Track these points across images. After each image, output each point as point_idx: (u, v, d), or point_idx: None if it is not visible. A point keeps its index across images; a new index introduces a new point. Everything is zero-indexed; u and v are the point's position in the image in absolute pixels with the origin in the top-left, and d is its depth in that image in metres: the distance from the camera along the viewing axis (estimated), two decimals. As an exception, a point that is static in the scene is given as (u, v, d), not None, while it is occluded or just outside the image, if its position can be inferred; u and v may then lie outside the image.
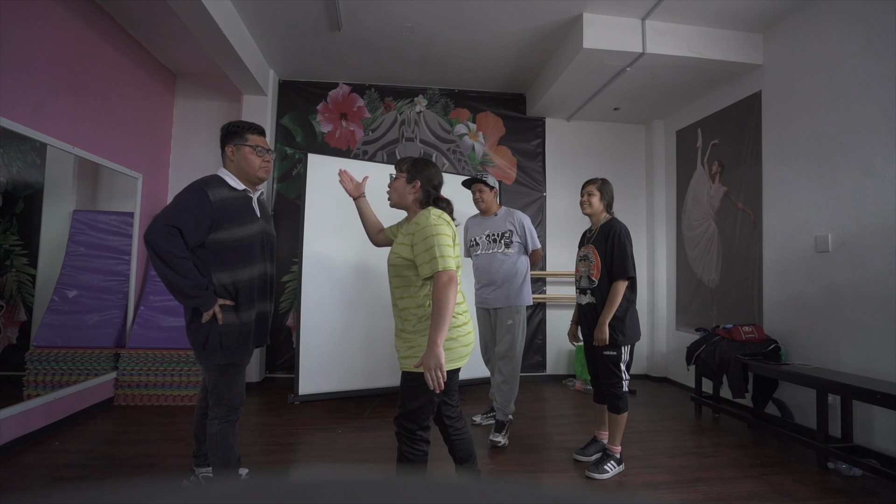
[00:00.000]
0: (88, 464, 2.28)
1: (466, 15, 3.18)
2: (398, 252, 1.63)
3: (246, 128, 1.78)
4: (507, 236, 2.77)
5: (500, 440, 2.59)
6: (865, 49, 2.56)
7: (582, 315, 2.43)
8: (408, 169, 1.72)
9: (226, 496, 0.20)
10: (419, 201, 1.70)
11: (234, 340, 1.69)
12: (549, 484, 0.20)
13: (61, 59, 2.73)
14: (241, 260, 1.72)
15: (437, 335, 1.45)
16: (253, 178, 1.79)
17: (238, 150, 1.76)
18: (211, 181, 1.70)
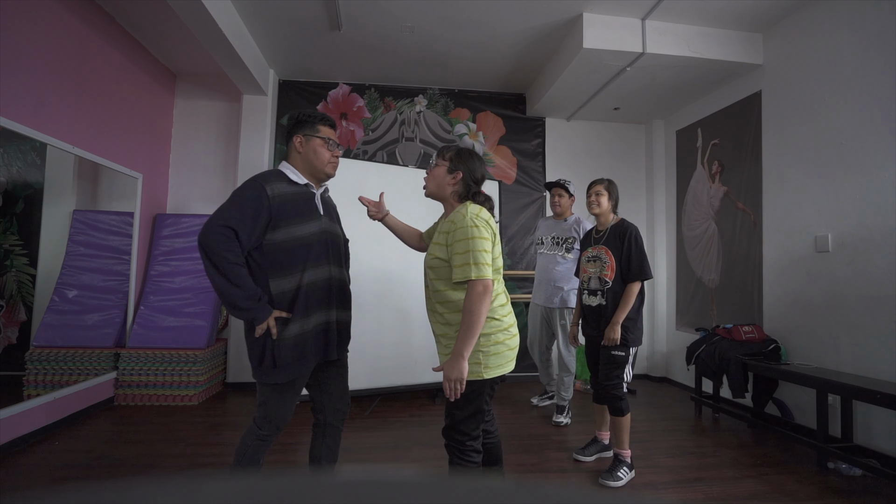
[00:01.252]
0: (88, 464, 2.28)
1: (466, 15, 3.18)
2: (434, 253, 1.54)
3: (318, 118, 1.62)
4: (569, 242, 3.05)
5: (564, 420, 3.00)
6: (865, 49, 2.56)
7: (589, 316, 2.38)
8: (451, 158, 1.60)
9: (226, 496, 0.20)
10: (458, 194, 1.58)
11: (290, 356, 1.50)
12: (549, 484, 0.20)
13: (61, 59, 2.73)
14: (300, 263, 1.53)
15: (463, 346, 1.38)
16: (320, 173, 1.63)
17: (308, 142, 1.59)
18: (269, 175, 1.56)
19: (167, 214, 3.83)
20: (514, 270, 4.35)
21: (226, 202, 1.49)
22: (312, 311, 1.55)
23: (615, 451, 2.24)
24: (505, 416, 3.18)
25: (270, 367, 1.49)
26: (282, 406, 1.55)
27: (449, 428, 1.53)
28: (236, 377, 3.80)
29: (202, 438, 2.67)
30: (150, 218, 3.75)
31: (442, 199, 1.62)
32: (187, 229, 3.77)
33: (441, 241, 1.52)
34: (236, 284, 1.41)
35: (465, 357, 1.39)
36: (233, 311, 1.45)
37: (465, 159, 1.59)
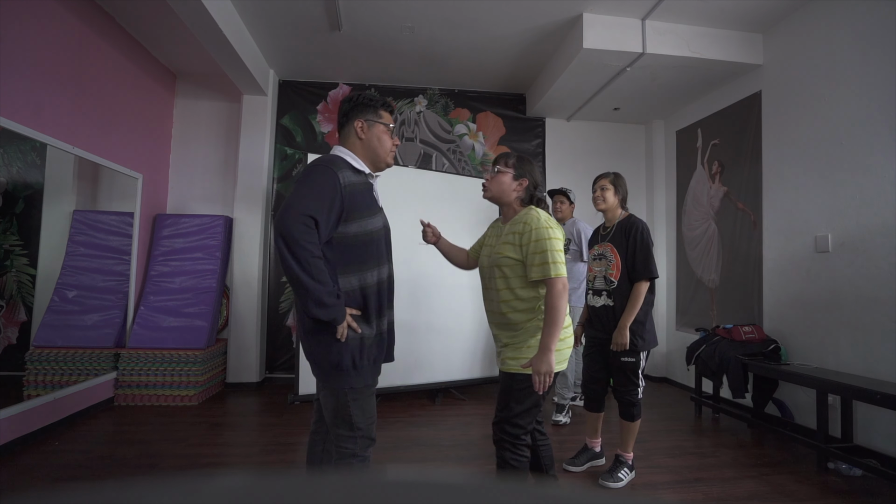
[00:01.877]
0: (88, 464, 2.28)
1: (466, 15, 3.18)
2: (504, 252, 1.59)
3: (380, 103, 1.50)
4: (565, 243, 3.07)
5: (563, 419, 3.00)
6: (865, 49, 2.56)
7: (594, 318, 2.28)
8: (514, 165, 1.66)
9: (226, 496, 0.20)
10: (521, 199, 1.66)
11: (368, 358, 1.40)
12: (549, 484, 0.20)
13: (61, 59, 2.73)
14: (370, 259, 1.42)
15: (550, 341, 1.45)
16: (381, 163, 1.51)
17: (371, 128, 1.47)
18: (337, 161, 1.40)
19: (167, 214, 3.83)
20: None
21: (301, 188, 1.32)
22: (384, 311, 1.47)
23: (618, 452, 2.21)
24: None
25: (349, 370, 1.36)
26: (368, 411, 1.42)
27: (503, 421, 1.55)
28: (236, 377, 3.80)
29: (202, 438, 2.67)
30: (150, 218, 3.75)
31: (502, 204, 1.69)
32: (187, 229, 3.77)
33: (513, 241, 1.58)
34: (319, 280, 1.27)
35: (553, 350, 1.45)
36: (316, 309, 1.28)
37: (527, 167, 1.67)
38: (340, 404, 1.38)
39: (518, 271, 1.57)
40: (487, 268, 1.67)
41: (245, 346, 3.82)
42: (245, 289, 3.85)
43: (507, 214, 1.70)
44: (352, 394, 1.38)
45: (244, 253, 3.88)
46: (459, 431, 2.84)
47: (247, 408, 3.32)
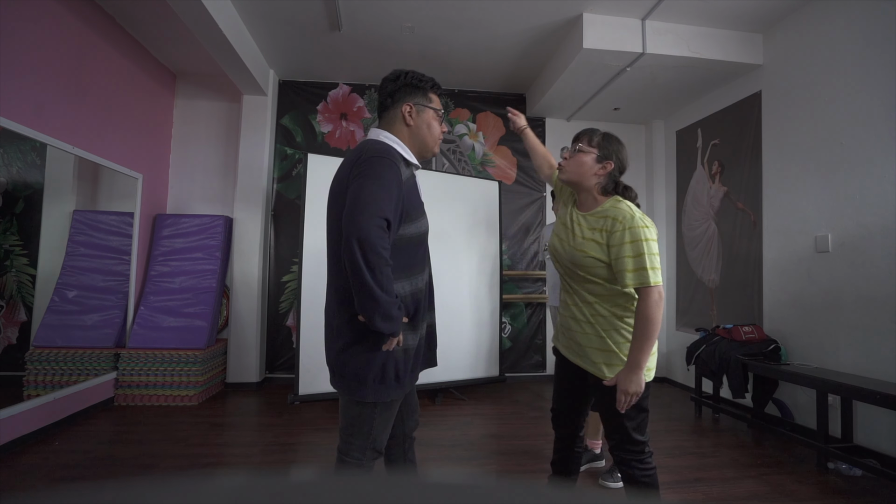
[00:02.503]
0: (88, 464, 2.28)
1: (466, 15, 3.18)
2: (587, 251, 1.38)
3: (429, 84, 1.33)
4: None
5: None
6: (865, 49, 2.56)
7: None
8: (599, 144, 1.41)
9: (226, 496, 0.20)
10: (601, 186, 1.43)
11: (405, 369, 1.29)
12: (549, 484, 0.20)
13: (61, 60, 2.73)
14: (420, 262, 1.31)
15: (641, 357, 1.28)
16: (428, 152, 1.36)
17: (421, 113, 1.31)
18: (393, 152, 1.23)
19: (167, 214, 3.83)
20: (514, 270, 4.35)
21: (369, 183, 1.14)
22: (423, 316, 1.34)
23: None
24: (505, 416, 3.18)
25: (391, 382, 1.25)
26: (389, 426, 1.33)
27: (623, 442, 1.40)
28: (236, 377, 3.80)
29: (202, 438, 2.67)
30: (150, 218, 3.75)
31: (580, 189, 1.46)
32: (187, 229, 3.77)
33: (598, 238, 1.37)
34: (388, 291, 1.13)
35: (643, 368, 1.29)
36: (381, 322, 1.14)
37: (614, 147, 1.42)
38: (365, 416, 1.27)
39: (601, 274, 1.38)
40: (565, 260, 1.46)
41: (245, 346, 3.82)
42: (245, 289, 3.85)
43: (586, 202, 1.47)
44: (380, 406, 1.27)
45: (244, 253, 3.88)
46: (459, 431, 2.84)
47: (247, 408, 3.32)
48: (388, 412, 1.30)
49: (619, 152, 1.42)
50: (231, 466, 2.35)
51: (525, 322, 4.36)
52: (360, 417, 1.28)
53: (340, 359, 1.27)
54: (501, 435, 2.79)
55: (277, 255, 4.11)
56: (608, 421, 1.43)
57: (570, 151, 1.46)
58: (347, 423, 1.30)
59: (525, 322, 4.36)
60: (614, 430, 1.42)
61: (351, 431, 1.29)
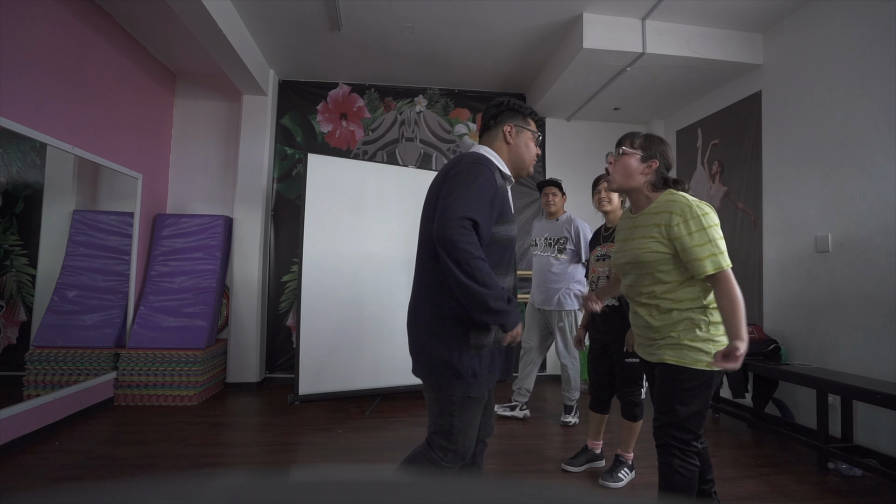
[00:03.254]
0: (88, 464, 2.28)
1: (466, 15, 3.18)
2: (649, 247, 1.39)
3: (528, 111, 1.47)
4: (561, 242, 2.96)
5: (571, 419, 2.98)
6: (865, 49, 2.56)
7: (598, 319, 2.25)
8: (641, 145, 1.46)
9: (226, 496, 0.20)
10: (650, 184, 1.45)
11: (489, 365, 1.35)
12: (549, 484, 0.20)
13: (61, 59, 2.73)
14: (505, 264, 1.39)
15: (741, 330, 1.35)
16: (524, 170, 1.48)
17: (520, 134, 1.44)
18: (491, 162, 1.36)
19: (167, 214, 3.83)
20: (514, 270, 4.34)
21: (457, 188, 1.25)
22: None
23: (619, 452, 2.21)
24: (506, 416, 3.18)
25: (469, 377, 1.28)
26: (472, 428, 1.35)
27: (670, 426, 1.39)
28: (236, 377, 3.80)
29: (202, 438, 2.67)
30: (150, 218, 3.75)
31: (631, 191, 1.49)
32: (187, 229, 3.77)
33: (657, 233, 1.38)
34: (484, 284, 1.20)
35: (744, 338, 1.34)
36: (483, 315, 1.23)
37: (657, 146, 1.45)
38: (445, 411, 1.31)
39: (664, 265, 1.38)
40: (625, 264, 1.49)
41: (245, 346, 3.82)
42: (245, 289, 3.85)
43: (639, 203, 1.49)
44: (460, 403, 1.30)
45: (244, 253, 3.88)
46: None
47: (247, 408, 3.32)
48: (470, 412, 1.33)
49: (662, 150, 1.45)
50: (231, 466, 2.35)
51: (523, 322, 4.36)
52: (441, 412, 1.33)
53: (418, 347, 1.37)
54: (501, 435, 2.79)
55: (277, 255, 4.11)
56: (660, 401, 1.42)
57: (613, 156, 1.49)
58: (433, 419, 1.36)
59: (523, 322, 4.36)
60: (663, 411, 1.40)
61: (435, 428, 1.35)
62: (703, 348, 1.39)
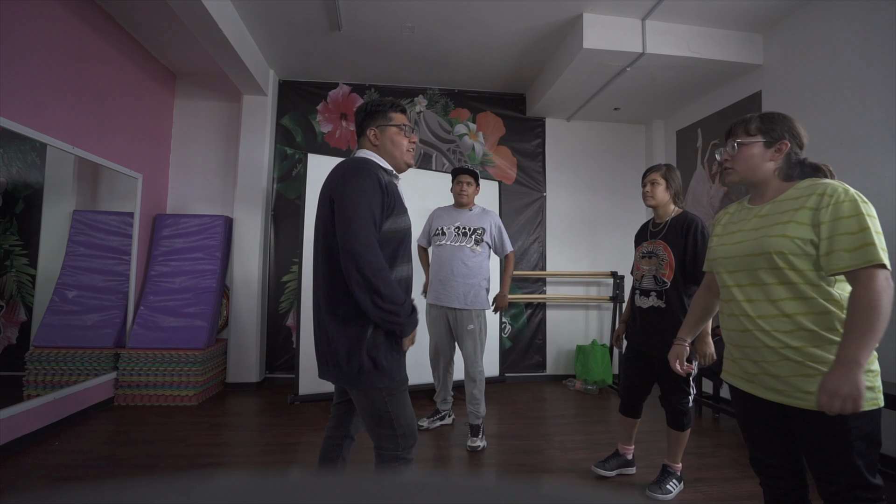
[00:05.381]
0: (88, 464, 2.28)
1: (466, 15, 3.18)
2: (790, 234, 1.10)
3: (388, 105, 1.49)
4: (479, 233, 2.67)
5: (480, 443, 2.55)
6: (865, 49, 2.56)
7: (641, 319, 2.07)
8: (760, 128, 1.21)
9: (226, 496, 0.20)
10: (781, 172, 1.21)
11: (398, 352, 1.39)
12: (549, 484, 0.20)
13: (61, 59, 2.73)
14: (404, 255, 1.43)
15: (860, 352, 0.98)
16: (400, 164, 1.52)
17: (383, 132, 1.48)
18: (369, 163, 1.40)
19: (167, 215, 3.83)
20: (514, 270, 4.34)
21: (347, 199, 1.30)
22: None
23: (666, 462, 2.11)
24: (505, 416, 3.18)
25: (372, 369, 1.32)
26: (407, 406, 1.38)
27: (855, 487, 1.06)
28: (236, 377, 3.80)
29: (202, 438, 2.67)
30: (150, 218, 3.75)
31: (757, 184, 1.26)
32: (187, 229, 3.77)
33: (803, 218, 1.09)
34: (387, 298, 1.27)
35: (863, 367, 0.98)
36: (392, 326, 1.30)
37: (780, 124, 1.20)
38: (376, 404, 1.34)
39: (808, 262, 1.08)
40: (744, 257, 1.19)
41: (245, 346, 3.82)
42: (245, 289, 3.85)
43: (765, 193, 1.25)
44: (386, 391, 1.34)
45: (244, 253, 3.88)
46: (459, 431, 2.84)
47: (247, 408, 3.32)
48: (398, 394, 1.36)
49: (790, 127, 1.20)
50: (231, 466, 2.35)
51: (525, 322, 4.36)
52: (373, 406, 1.34)
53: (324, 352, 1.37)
54: (501, 435, 2.79)
55: (277, 255, 4.11)
56: (828, 461, 1.08)
57: (728, 152, 1.28)
58: (367, 415, 1.37)
59: (525, 322, 4.36)
60: (840, 472, 1.07)
61: (374, 422, 1.36)
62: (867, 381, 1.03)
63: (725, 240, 1.30)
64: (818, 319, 1.08)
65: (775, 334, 1.12)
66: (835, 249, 1.04)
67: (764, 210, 1.22)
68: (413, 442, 1.39)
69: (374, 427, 1.37)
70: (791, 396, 1.11)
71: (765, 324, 1.14)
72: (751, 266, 1.17)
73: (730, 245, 1.26)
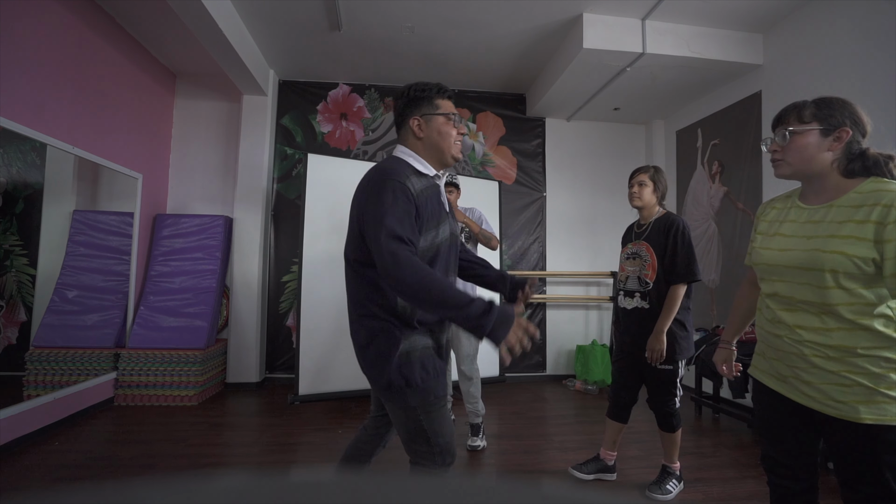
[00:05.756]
0: (88, 464, 2.28)
1: (466, 15, 3.18)
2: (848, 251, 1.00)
3: (434, 91, 1.30)
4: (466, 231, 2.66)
5: (480, 443, 2.56)
6: (865, 49, 2.56)
7: (625, 321, 2.09)
8: (815, 114, 1.08)
9: (226, 496, 0.20)
10: (843, 166, 1.09)
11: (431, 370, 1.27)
12: (549, 484, 0.21)
13: (61, 59, 2.73)
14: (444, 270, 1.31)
15: None
16: (447, 158, 1.33)
17: (429, 123, 1.30)
18: (399, 168, 1.25)
19: (167, 215, 3.83)
20: (514, 271, 4.34)
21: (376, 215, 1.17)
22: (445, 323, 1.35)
23: (665, 463, 2.11)
24: (505, 416, 3.18)
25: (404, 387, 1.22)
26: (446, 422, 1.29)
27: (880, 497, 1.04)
28: (236, 377, 3.80)
29: (202, 438, 2.67)
30: (150, 218, 3.75)
31: (812, 178, 1.13)
32: (187, 229, 3.77)
33: (860, 232, 1.00)
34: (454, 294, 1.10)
35: None
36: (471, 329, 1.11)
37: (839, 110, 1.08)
38: (410, 419, 1.25)
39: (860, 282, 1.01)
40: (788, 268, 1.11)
41: (245, 346, 3.82)
42: (245, 289, 3.85)
43: (822, 191, 1.13)
44: (422, 408, 1.24)
45: (244, 253, 3.88)
46: (459, 431, 2.84)
47: (247, 408, 3.32)
48: (435, 411, 1.27)
49: (851, 113, 1.08)
50: (231, 466, 2.35)
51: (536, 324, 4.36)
52: (408, 422, 1.26)
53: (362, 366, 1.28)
54: (501, 435, 2.79)
55: (277, 255, 4.11)
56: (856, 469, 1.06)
57: (777, 142, 1.15)
58: (403, 430, 1.29)
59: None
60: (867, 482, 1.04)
61: (410, 438, 1.28)
62: None
63: (771, 243, 1.20)
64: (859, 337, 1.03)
65: (811, 345, 1.08)
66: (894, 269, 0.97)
67: (818, 215, 1.10)
68: (451, 459, 1.30)
69: (409, 443, 1.29)
70: (823, 404, 1.08)
71: (804, 334, 1.09)
72: (797, 279, 1.10)
73: (775, 251, 1.17)
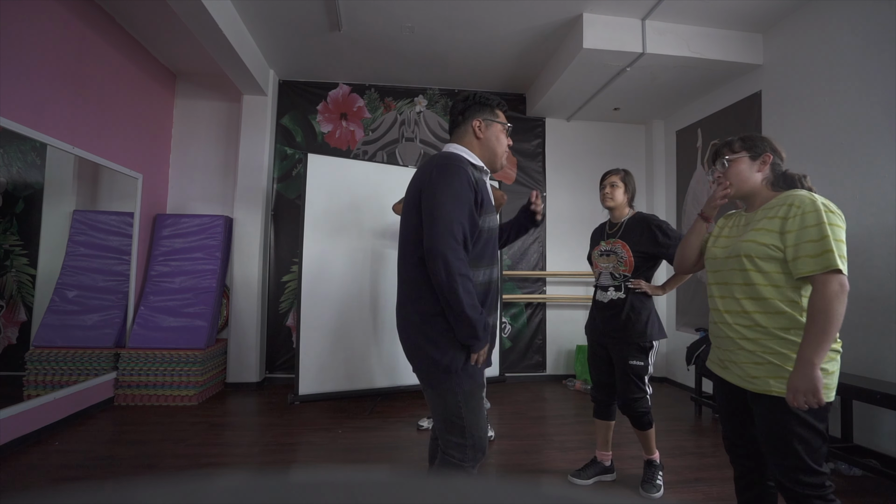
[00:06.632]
0: (88, 464, 2.28)
1: (466, 15, 3.18)
2: (757, 239, 1.25)
3: (496, 102, 1.45)
4: None
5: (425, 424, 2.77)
6: (865, 49, 2.56)
7: (598, 314, 2.13)
8: (743, 146, 1.35)
9: (226, 496, 0.20)
10: (769, 182, 1.33)
11: None
12: (549, 484, 0.21)
13: (61, 59, 2.73)
14: (491, 255, 1.39)
15: (814, 354, 1.11)
16: (497, 162, 1.46)
17: (489, 127, 1.43)
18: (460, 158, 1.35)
19: (167, 215, 3.83)
20: (515, 271, 4.35)
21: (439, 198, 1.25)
22: (492, 311, 1.41)
23: (647, 458, 2.13)
24: (505, 416, 3.18)
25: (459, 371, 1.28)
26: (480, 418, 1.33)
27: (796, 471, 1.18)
28: (236, 377, 3.80)
29: (202, 438, 2.67)
30: (150, 218, 3.75)
31: (748, 195, 1.36)
32: (187, 229, 3.77)
33: (771, 226, 1.23)
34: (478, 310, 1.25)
35: (817, 365, 1.11)
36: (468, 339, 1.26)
37: (759, 142, 1.34)
38: (450, 407, 1.30)
39: (774, 265, 1.23)
40: (723, 259, 1.34)
41: (245, 346, 3.82)
42: (245, 289, 3.85)
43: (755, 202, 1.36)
44: (462, 396, 1.30)
45: (244, 253, 3.88)
46: None
47: (247, 408, 3.32)
48: (474, 400, 1.31)
49: (770, 144, 1.34)
50: (231, 466, 2.35)
51: (525, 322, 4.36)
52: (447, 410, 1.31)
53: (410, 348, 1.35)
54: (501, 435, 2.79)
55: (277, 255, 4.11)
56: (773, 443, 1.22)
57: (719, 171, 1.38)
58: (440, 419, 1.33)
59: (525, 322, 4.36)
60: (782, 454, 1.20)
61: (446, 427, 1.32)
62: None
63: (717, 243, 1.44)
64: (773, 319, 1.23)
65: (736, 327, 1.30)
66: (800, 256, 1.17)
67: (749, 218, 1.35)
68: (482, 456, 1.33)
69: (444, 432, 1.33)
70: (745, 381, 1.28)
71: (729, 318, 1.32)
72: (725, 267, 1.34)
73: (715, 248, 1.42)
